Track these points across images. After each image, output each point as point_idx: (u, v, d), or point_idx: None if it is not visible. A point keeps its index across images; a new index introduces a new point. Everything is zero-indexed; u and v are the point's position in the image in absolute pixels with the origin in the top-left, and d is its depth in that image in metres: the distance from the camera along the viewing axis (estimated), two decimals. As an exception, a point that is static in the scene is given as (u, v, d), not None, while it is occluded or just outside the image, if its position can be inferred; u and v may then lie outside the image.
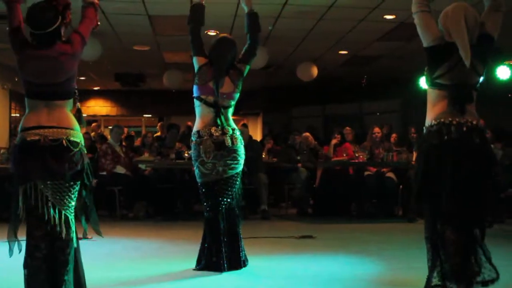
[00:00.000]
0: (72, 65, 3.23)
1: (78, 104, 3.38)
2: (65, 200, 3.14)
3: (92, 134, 12.94)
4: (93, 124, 15.26)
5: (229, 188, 4.34)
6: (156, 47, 9.99)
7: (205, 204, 4.35)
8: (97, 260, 4.83)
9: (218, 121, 4.29)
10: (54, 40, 3.20)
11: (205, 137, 4.28)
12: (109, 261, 4.84)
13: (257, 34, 4.52)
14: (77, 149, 3.17)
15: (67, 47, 3.21)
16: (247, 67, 4.47)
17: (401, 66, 10.95)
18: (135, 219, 8.01)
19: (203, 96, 4.33)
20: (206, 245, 4.31)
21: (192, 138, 4.40)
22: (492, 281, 3.22)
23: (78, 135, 3.21)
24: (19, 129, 3.20)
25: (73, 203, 3.19)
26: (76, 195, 3.21)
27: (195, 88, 4.38)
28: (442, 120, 3.19)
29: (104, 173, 8.35)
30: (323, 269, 4.41)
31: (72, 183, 3.16)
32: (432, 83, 3.25)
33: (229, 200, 4.34)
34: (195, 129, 4.38)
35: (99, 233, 3.38)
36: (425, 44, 3.27)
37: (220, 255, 4.21)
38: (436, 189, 3.19)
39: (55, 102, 3.18)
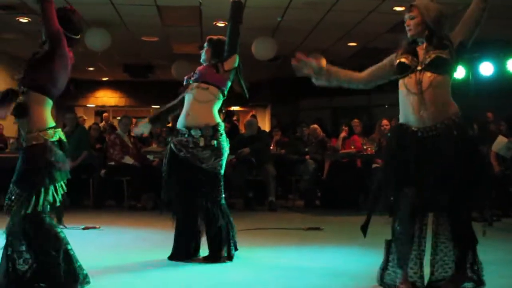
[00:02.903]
0: None
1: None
2: None
3: (102, 124, 12.99)
4: (105, 115, 15.35)
5: None
6: (165, 38, 9.99)
7: (224, 193, 4.43)
8: (104, 250, 4.87)
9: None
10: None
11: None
12: (117, 251, 4.87)
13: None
14: None
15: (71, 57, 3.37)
16: None
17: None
18: (143, 210, 8.04)
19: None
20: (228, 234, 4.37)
21: (222, 130, 4.41)
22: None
23: None
24: (41, 126, 3.21)
25: None
26: None
27: (229, 83, 4.45)
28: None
29: (113, 163, 8.38)
30: (330, 260, 4.42)
31: None
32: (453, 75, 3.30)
33: None
34: (219, 120, 4.42)
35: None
36: (470, 38, 3.26)
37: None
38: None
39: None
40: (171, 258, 4.34)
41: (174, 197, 4.38)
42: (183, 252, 4.33)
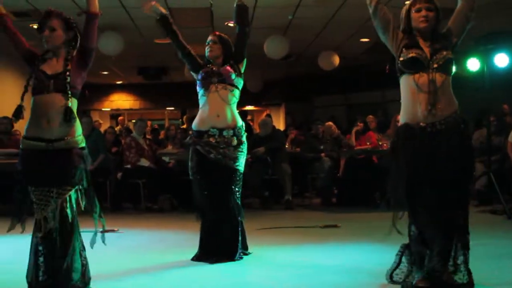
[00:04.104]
0: None
1: None
2: None
3: (117, 128, 13.08)
4: (120, 118, 15.47)
5: None
6: (177, 39, 10.02)
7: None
8: (123, 252, 4.90)
9: None
10: None
11: None
12: (135, 252, 4.90)
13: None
14: None
15: None
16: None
17: (424, 53, 10.77)
18: (160, 211, 8.08)
19: None
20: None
21: (244, 132, 4.46)
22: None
23: None
24: (80, 130, 3.34)
25: None
26: None
27: (242, 81, 4.49)
28: None
29: (129, 166, 8.43)
30: (347, 258, 4.41)
31: None
32: None
33: None
34: (241, 122, 4.46)
35: None
36: (461, 38, 3.32)
37: None
38: None
39: None
40: (196, 259, 4.36)
41: (206, 198, 4.41)
42: (209, 257, 4.32)
